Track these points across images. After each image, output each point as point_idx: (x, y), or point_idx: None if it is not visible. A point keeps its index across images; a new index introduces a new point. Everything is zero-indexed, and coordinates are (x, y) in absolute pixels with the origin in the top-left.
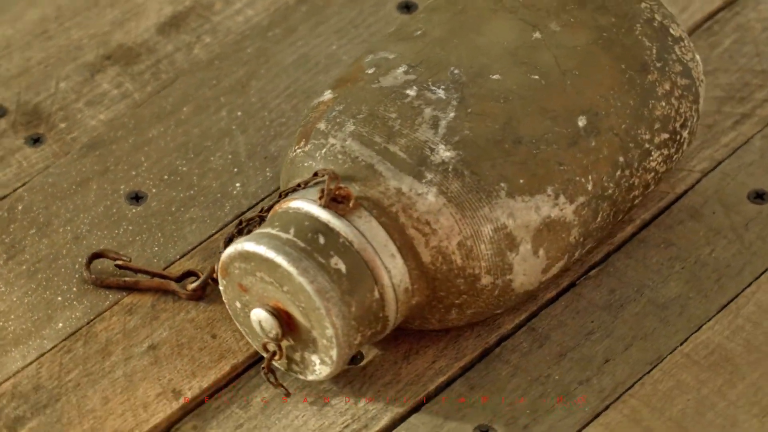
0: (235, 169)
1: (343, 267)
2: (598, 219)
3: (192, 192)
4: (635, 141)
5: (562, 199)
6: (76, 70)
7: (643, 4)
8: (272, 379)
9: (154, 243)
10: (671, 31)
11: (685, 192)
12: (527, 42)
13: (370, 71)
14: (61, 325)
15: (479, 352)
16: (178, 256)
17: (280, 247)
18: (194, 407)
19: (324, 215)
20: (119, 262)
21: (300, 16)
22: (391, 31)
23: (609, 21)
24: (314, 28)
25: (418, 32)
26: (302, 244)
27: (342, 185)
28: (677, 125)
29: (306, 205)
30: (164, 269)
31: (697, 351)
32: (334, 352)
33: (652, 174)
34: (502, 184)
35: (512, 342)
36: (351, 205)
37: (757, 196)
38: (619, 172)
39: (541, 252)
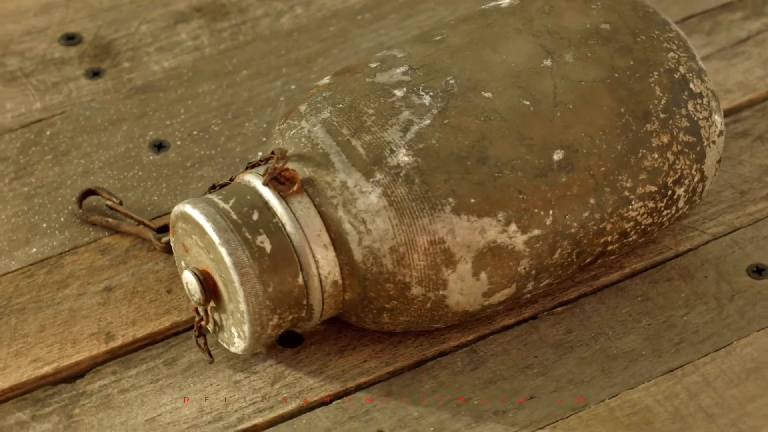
0: (264, 139)
1: (268, 246)
2: (556, 255)
3: (213, 152)
4: (613, 186)
5: (513, 227)
6: (162, 16)
7: (671, 54)
8: (201, 343)
9: (155, 192)
10: (691, 86)
11: (687, 251)
12: (535, 67)
13: (373, 65)
14: (34, 250)
15: (412, 362)
16: (170, 209)
17: (211, 215)
18: (122, 354)
19: (266, 193)
20: (109, 203)
21: (393, 6)
22: (419, 33)
23: (626, 63)
24: (402, 20)
25: (438, 37)
26: (234, 216)
27: (289, 168)
28: (669, 180)
29: (255, 180)
30: (152, 219)
31: (622, 407)
32: (246, 328)
33: (632, 224)
34: (450, 200)
35: (448, 359)
36: (295, 189)
37: (756, 270)
38: (587, 214)
39: (483, 275)
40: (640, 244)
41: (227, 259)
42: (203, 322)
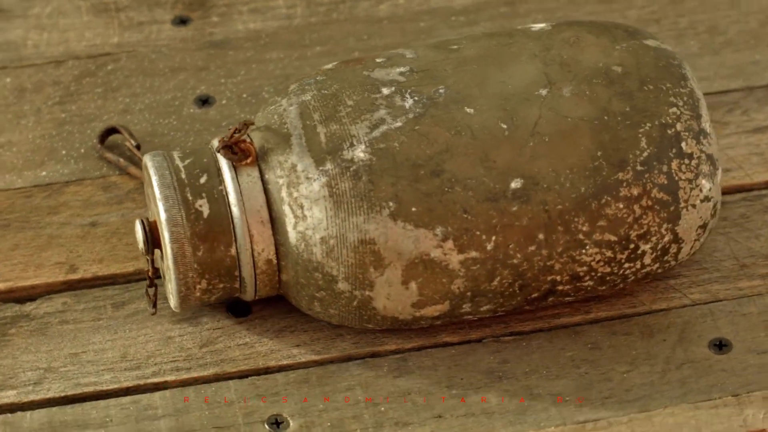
0: None
1: (206, 211)
2: (495, 283)
3: (252, 116)
4: (566, 226)
5: (449, 244)
6: None
7: (673, 109)
8: (150, 293)
9: (180, 144)
10: (683, 144)
11: (659, 311)
12: (528, 94)
13: (378, 60)
14: (44, 173)
15: (341, 356)
16: None
17: (161, 169)
18: (78, 287)
19: (221, 160)
20: (128, 143)
21: (491, 15)
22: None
23: (621, 108)
24: (492, 28)
25: (455, 47)
26: (183, 175)
27: (247, 140)
28: (633, 233)
29: (217, 145)
30: None
31: None
32: (173, 286)
33: (586, 269)
34: (391, 204)
35: (377, 361)
36: (248, 161)
37: (717, 345)
38: (533, 248)
39: (413, 285)
40: (615, 292)
41: (162, 215)
42: (149, 273)
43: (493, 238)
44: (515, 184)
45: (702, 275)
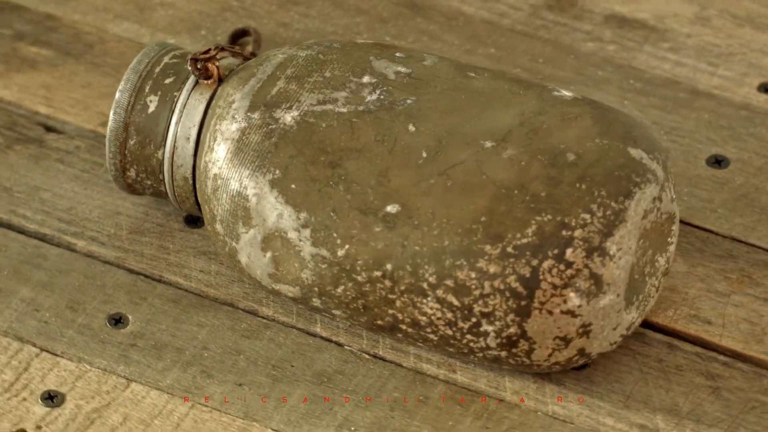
0: None
1: (151, 108)
2: (339, 291)
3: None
4: (415, 269)
5: (306, 233)
6: None
7: (585, 215)
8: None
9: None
10: (568, 251)
11: (513, 405)
12: (473, 140)
13: (398, 54)
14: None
15: (223, 298)
16: None
17: (144, 56)
18: (101, 137)
19: (192, 70)
20: (247, 49)
21: (660, 37)
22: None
23: (537, 191)
24: (655, 49)
25: (471, 74)
26: (156, 69)
27: (216, 63)
28: (476, 308)
29: None
30: None
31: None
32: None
33: (427, 320)
34: (277, 172)
35: (241, 316)
36: (208, 82)
37: None
38: (378, 273)
39: (269, 256)
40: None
41: (116, 95)
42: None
43: (347, 246)
44: (391, 208)
45: (587, 392)
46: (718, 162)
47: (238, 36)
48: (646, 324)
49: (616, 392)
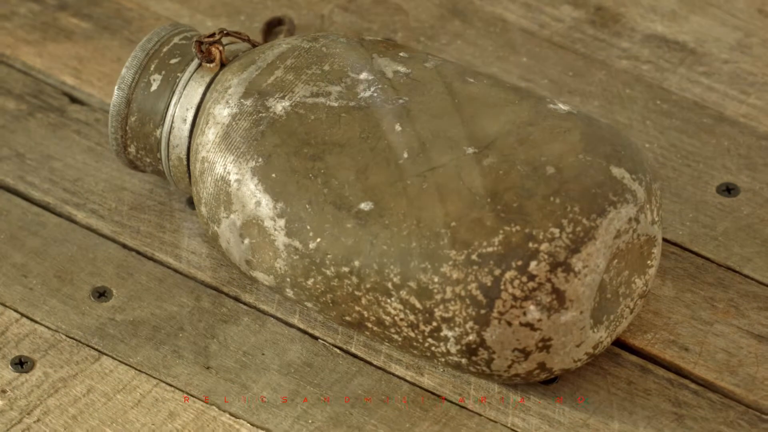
0: None
1: (153, 87)
2: (309, 283)
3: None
4: (381, 268)
5: (281, 223)
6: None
7: (554, 229)
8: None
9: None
10: (532, 264)
11: (474, 413)
12: (457, 144)
13: (402, 53)
14: (210, 24)
15: (207, 282)
16: None
17: (154, 36)
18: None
19: (195, 53)
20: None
21: (696, 60)
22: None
23: (510, 201)
24: (689, 72)
25: (471, 80)
26: (164, 48)
27: (218, 48)
28: (437, 312)
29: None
30: None
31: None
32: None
33: (391, 320)
34: (260, 160)
35: (223, 300)
36: (210, 66)
37: None
38: (346, 269)
39: (247, 242)
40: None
41: (122, 71)
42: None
43: (318, 240)
44: (365, 205)
45: (550, 407)
46: (728, 190)
47: (273, 25)
48: (622, 345)
49: (578, 410)
